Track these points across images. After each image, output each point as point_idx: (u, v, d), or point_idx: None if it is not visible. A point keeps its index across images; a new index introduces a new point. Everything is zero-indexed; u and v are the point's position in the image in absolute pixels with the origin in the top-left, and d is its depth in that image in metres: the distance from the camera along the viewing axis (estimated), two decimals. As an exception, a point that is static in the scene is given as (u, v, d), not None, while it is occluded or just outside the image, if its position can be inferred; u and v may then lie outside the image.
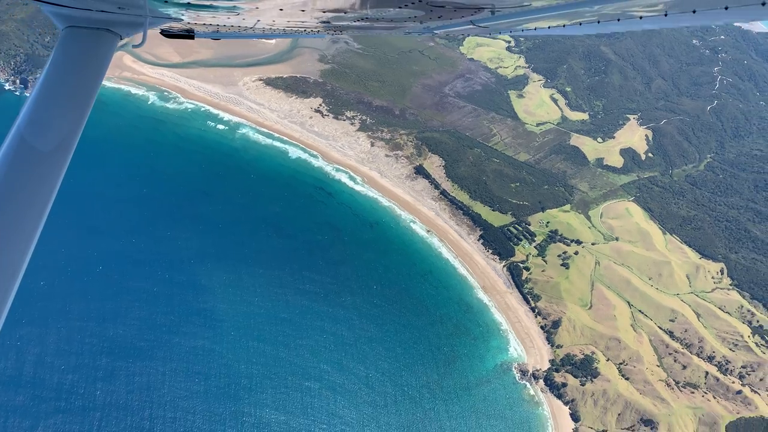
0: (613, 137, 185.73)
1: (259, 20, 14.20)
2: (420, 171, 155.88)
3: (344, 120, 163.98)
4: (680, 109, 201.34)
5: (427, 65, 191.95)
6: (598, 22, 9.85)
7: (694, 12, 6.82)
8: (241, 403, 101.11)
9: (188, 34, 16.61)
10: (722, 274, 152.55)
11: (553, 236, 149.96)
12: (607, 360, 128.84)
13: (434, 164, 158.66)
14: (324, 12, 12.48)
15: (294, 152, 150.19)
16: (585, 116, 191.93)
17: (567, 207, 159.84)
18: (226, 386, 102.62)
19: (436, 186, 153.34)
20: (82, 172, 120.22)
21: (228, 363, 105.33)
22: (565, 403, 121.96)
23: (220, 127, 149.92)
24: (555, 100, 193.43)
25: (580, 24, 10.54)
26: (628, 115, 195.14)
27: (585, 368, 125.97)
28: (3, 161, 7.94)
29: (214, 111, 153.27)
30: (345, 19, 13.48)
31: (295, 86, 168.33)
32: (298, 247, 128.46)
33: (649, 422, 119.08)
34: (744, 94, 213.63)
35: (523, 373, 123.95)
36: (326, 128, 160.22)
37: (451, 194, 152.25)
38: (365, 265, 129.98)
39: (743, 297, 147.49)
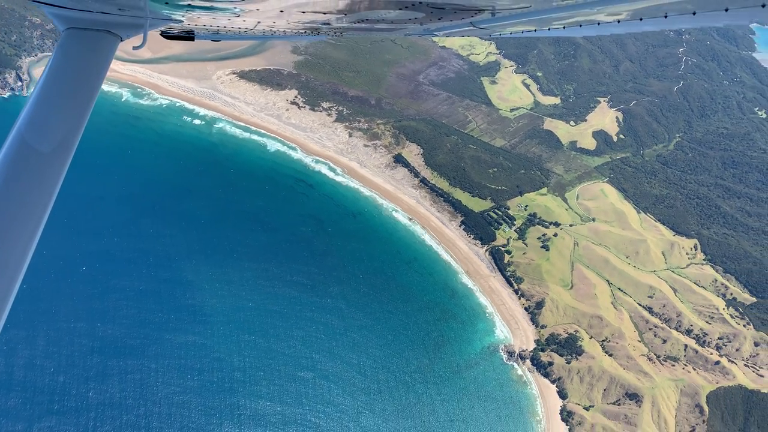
0: (585, 120, 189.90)
1: (259, 22, 14.31)
2: (399, 160, 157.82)
3: (321, 111, 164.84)
4: (648, 90, 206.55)
5: (400, 54, 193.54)
6: (598, 24, 9.85)
7: (694, 14, 6.85)
8: (236, 395, 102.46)
9: (188, 36, 16.74)
10: (696, 249, 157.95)
11: (532, 219, 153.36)
12: (591, 338, 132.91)
13: (413, 152, 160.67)
14: (324, 14, 12.35)
15: (272, 145, 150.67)
16: (557, 100, 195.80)
17: (544, 190, 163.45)
18: (220, 380, 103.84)
19: (416, 174, 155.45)
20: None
21: (220, 357, 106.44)
22: (552, 382, 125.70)
23: (197, 122, 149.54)
24: (527, 86, 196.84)
25: (580, 26, 10.57)
26: (598, 98, 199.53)
27: (569, 347, 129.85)
28: (3, 162, 8.00)
29: (190, 106, 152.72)
30: (345, 21, 13.34)
31: (269, 79, 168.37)
32: (283, 240, 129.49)
33: (633, 396, 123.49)
34: (708, 74, 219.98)
35: (510, 354, 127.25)
36: (303, 120, 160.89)
37: (430, 182, 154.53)
38: (350, 255, 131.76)
39: (716, 271, 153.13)
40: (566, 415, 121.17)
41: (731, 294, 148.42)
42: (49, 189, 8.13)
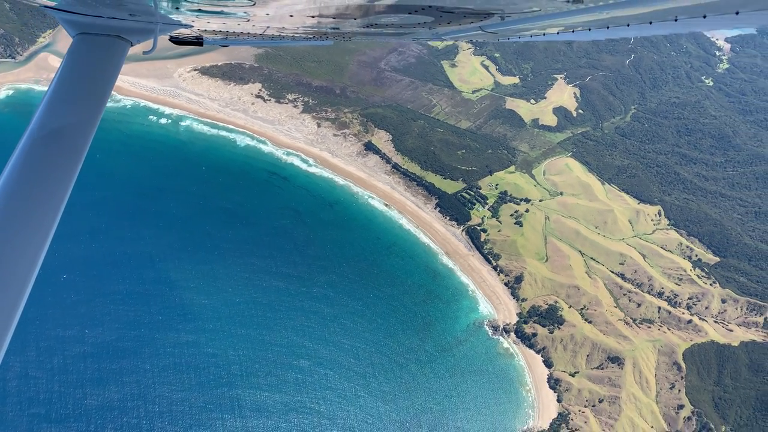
0: (545, 97, 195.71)
1: (268, 27, 14.40)
2: (369, 147, 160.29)
3: (287, 103, 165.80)
4: (602, 65, 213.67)
5: (360, 42, 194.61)
6: (608, 27, 9.92)
7: (704, 17, 6.82)
8: (235, 389, 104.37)
9: (197, 41, 16.87)
10: (660, 215, 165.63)
11: (504, 197, 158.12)
12: (570, 307, 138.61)
13: (382, 139, 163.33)
14: (333, 18, 12.31)
15: (242, 140, 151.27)
16: (516, 80, 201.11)
17: (512, 168, 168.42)
18: (217, 375, 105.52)
19: (387, 160, 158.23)
20: None
21: (215, 353, 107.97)
22: (537, 352, 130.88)
23: (163, 121, 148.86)
24: (486, 67, 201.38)
25: (590, 29, 10.75)
26: (555, 75, 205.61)
27: (551, 317, 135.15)
28: (16, 166, 8.11)
29: (154, 106, 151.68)
30: (354, 25, 13.38)
31: (231, 73, 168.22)
32: (263, 234, 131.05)
33: (615, 359, 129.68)
34: (656, 47, 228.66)
35: (495, 328, 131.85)
36: (270, 113, 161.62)
37: (402, 167, 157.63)
38: (332, 243, 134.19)
39: (681, 235, 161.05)
40: (554, 383, 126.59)
41: (696, 255, 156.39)
42: (60, 192, 8.26)
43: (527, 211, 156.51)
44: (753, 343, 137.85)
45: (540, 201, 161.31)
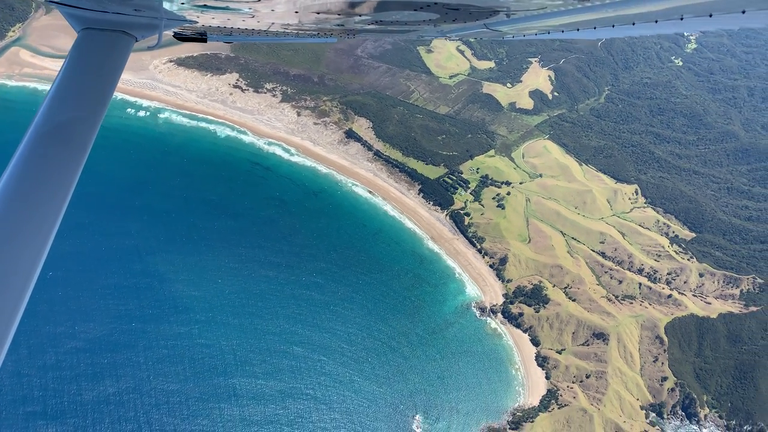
0: (521, 81, 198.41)
1: (273, 23, 14.45)
2: (351, 135, 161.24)
3: (265, 93, 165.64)
4: (574, 47, 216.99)
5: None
6: (613, 26, 9.94)
7: (710, 16, 6.86)
8: (232, 377, 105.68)
9: (201, 37, 16.64)
10: (637, 194, 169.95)
11: (485, 181, 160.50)
12: (554, 286, 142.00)
13: (363, 127, 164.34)
14: (339, 15, 12.35)
15: (222, 131, 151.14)
16: (491, 64, 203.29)
17: (492, 152, 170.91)
18: (212, 366, 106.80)
19: (369, 148, 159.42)
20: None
21: (209, 343, 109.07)
22: (524, 331, 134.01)
23: (141, 113, 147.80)
24: (462, 52, 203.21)
25: (595, 28, 10.68)
26: (529, 59, 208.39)
27: (536, 297, 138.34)
28: (19, 162, 8.15)
29: (131, 98, 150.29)
30: (359, 22, 13.40)
31: (207, 64, 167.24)
32: (250, 224, 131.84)
33: (600, 335, 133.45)
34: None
35: (482, 309, 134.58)
36: (249, 103, 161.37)
37: (384, 154, 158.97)
38: (318, 232, 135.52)
39: (657, 212, 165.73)
40: (541, 361, 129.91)
41: (673, 232, 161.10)
42: (65, 187, 8.26)
43: (508, 193, 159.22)
44: (730, 315, 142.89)
45: (520, 183, 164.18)
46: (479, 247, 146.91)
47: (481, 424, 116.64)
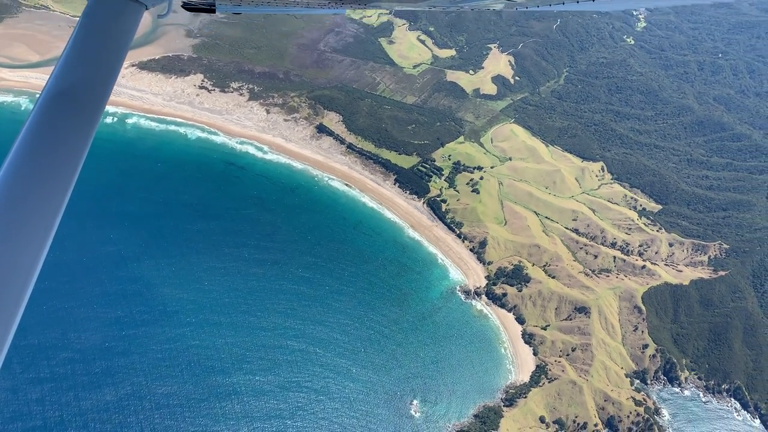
0: (482, 67, 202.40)
1: None
2: (322, 129, 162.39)
3: (232, 92, 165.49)
4: (531, 32, 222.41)
5: (296, 24, 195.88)
6: None
7: None
8: (230, 376, 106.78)
9: (210, 8, 16.58)
10: (603, 171, 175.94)
11: (458, 167, 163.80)
12: (533, 265, 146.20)
13: (333, 121, 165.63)
14: None
15: (193, 132, 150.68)
16: (453, 52, 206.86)
17: (461, 139, 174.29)
18: (209, 365, 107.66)
19: (341, 141, 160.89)
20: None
21: (203, 344, 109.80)
22: (509, 310, 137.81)
23: (108, 120, 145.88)
24: (423, 42, 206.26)
25: None
26: (489, 45, 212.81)
27: (517, 276, 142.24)
28: (31, 127, 8.28)
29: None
30: None
31: (170, 66, 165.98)
32: (231, 224, 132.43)
33: (582, 309, 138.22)
34: (580, 11, 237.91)
35: (467, 293, 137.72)
36: (216, 103, 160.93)
37: (357, 146, 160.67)
38: (300, 227, 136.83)
39: (624, 187, 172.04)
40: (528, 338, 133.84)
41: (641, 205, 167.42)
42: (77, 151, 8.37)
43: (481, 178, 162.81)
44: (701, 281, 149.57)
45: (492, 168, 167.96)
46: (458, 232, 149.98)
47: (477, 403, 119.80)
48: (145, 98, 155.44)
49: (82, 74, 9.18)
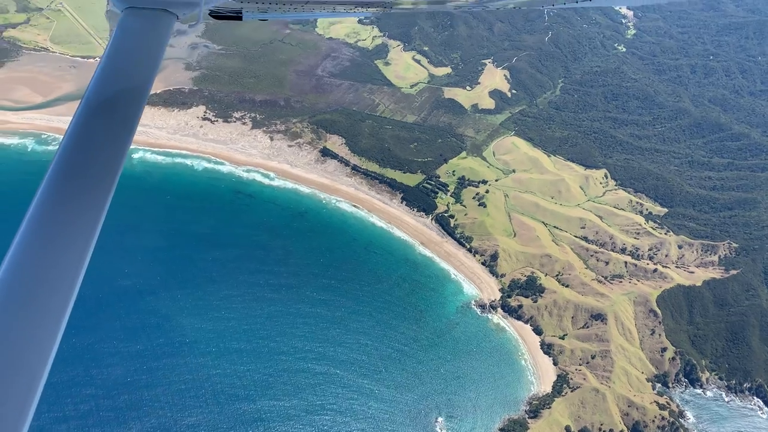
0: (479, 83, 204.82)
1: None
2: (326, 153, 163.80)
3: (235, 122, 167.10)
4: (524, 45, 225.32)
5: (292, 52, 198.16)
6: None
7: None
8: (254, 402, 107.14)
9: (237, 15, 17.15)
10: (607, 178, 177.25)
11: (462, 182, 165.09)
12: (546, 275, 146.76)
13: (336, 144, 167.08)
14: None
15: (199, 164, 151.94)
16: (448, 70, 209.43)
17: (463, 154, 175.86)
18: (233, 393, 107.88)
19: (346, 163, 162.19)
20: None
21: (226, 372, 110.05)
22: (526, 322, 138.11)
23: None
24: (418, 61, 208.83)
25: None
26: (483, 61, 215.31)
27: (531, 287, 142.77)
28: (71, 137, 8.61)
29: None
30: None
31: (172, 99, 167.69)
32: (243, 252, 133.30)
33: (598, 316, 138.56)
34: (569, 22, 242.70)
35: (482, 307, 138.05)
36: (220, 133, 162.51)
37: (362, 167, 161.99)
38: (312, 251, 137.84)
39: (629, 193, 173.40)
40: (547, 348, 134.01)
41: (647, 209, 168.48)
42: (118, 155, 8.68)
43: (487, 192, 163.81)
44: (714, 281, 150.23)
45: (496, 181, 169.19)
46: (468, 246, 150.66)
47: (502, 417, 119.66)
48: (150, 132, 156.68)
49: (119, 82, 9.65)
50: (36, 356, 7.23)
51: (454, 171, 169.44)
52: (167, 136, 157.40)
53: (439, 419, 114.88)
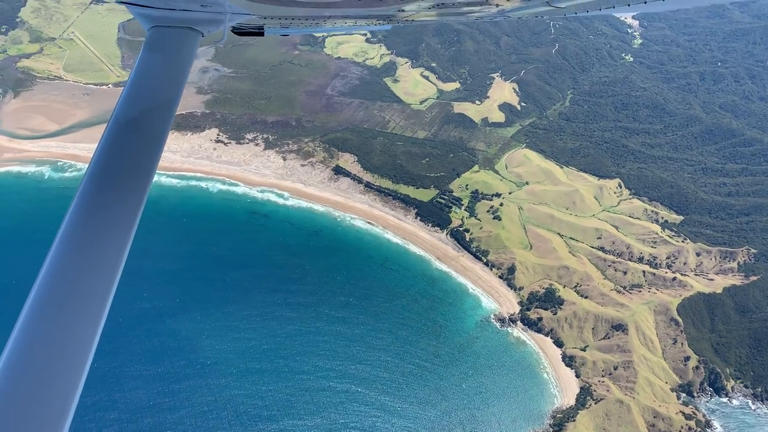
0: (488, 97, 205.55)
1: (333, 11, 14.67)
2: (339, 171, 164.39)
3: (247, 143, 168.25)
4: (531, 58, 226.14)
5: (302, 73, 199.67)
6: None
7: None
8: (277, 421, 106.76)
9: (258, 31, 17.39)
10: (621, 187, 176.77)
11: (476, 196, 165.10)
12: (564, 287, 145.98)
13: (348, 161, 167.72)
14: (402, 0, 12.32)
15: (214, 186, 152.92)
16: (457, 85, 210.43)
17: (476, 168, 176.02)
18: (255, 413, 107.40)
19: (359, 181, 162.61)
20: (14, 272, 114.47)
21: (248, 392, 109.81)
22: (546, 335, 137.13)
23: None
24: (426, 77, 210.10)
25: (645, 2, 10.63)
26: (491, 75, 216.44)
27: (550, 300, 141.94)
28: (104, 149, 8.71)
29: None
30: (423, 4, 13.23)
31: (185, 123, 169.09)
32: (261, 272, 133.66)
33: (619, 327, 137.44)
34: (575, 33, 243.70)
35: (502, 321, 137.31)
36: (234, 155, 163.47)
37: (375, 184, 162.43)
38: (328, 269, 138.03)
39: (643, 201, 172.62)
40: (568, 360, 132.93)
41: (662, 218, 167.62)
42: (147, 172, 8.89)
43: (501, 204, 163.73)
44: (734, 287, 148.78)
45: (510, 193, 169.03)
46: (485, 260, 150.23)
47: (526, 431, 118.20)
48: (164, 156, 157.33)
49: (147, 99, 9.87)
50: (74, 360, 7.64)
51: (467, 185, 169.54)
52: (181, 160, 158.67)
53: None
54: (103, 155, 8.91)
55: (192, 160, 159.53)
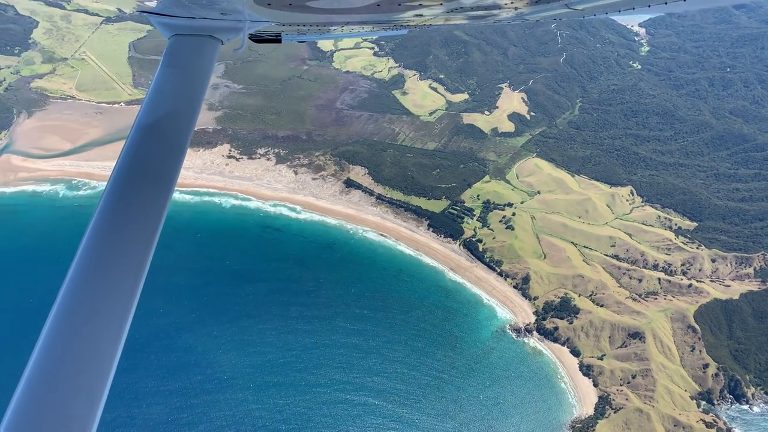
0: (497, 107, 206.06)
1: (350, 17, 14.71)
2: (350, 184, 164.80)
3: (259, 158, 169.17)
4: (539, 67, 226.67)
5: (311, 87, 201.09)
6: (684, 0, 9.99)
7: None
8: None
9: (276, 38, 17.55)
10: (633, 195, 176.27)
11: (488, 206, 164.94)
12: (579, 295, 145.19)
13: (360, 174, 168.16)
14: (420, 5, 12.29)
15: (227, 201, 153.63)
16: (465, 96, 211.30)
17: (487, 178, 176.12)
18: (274, 427, 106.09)
19: (371, 193, 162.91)
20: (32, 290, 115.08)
21: (266, 406, 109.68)
22: (563, 344, 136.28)
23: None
24: (435, 89, 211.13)
25: (666, 3, 10.61)
26: (500, 85, 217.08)
27: (565, 309, 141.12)
28: (128, 155, 8.86)
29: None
30: (440, 9, 13.22)
31: (197, 140, 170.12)
32: (275, 286, 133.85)
33: (636, 335, 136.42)
34: (583, 42, 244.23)
35: (517, 331, 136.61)
36: (246, 170, 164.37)
37: (386, 196, 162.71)
38: (342, 282, 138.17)
39: (656, 209, 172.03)
40: (586, 370, 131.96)
41: (676, 224, 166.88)
42: (168, 182, 8.97)
43: (513, 214, 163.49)
44: (751, 293, 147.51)
45: (522, 203, 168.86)
46: (499, 270, 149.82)
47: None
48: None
49: (169, 106, 9.99)
50: (101, 362, 7.98)
51: (478, 195, 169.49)
52: (194, 176, 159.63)
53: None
54: (128, 158, 9.08)
55: (205, 176, 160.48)
